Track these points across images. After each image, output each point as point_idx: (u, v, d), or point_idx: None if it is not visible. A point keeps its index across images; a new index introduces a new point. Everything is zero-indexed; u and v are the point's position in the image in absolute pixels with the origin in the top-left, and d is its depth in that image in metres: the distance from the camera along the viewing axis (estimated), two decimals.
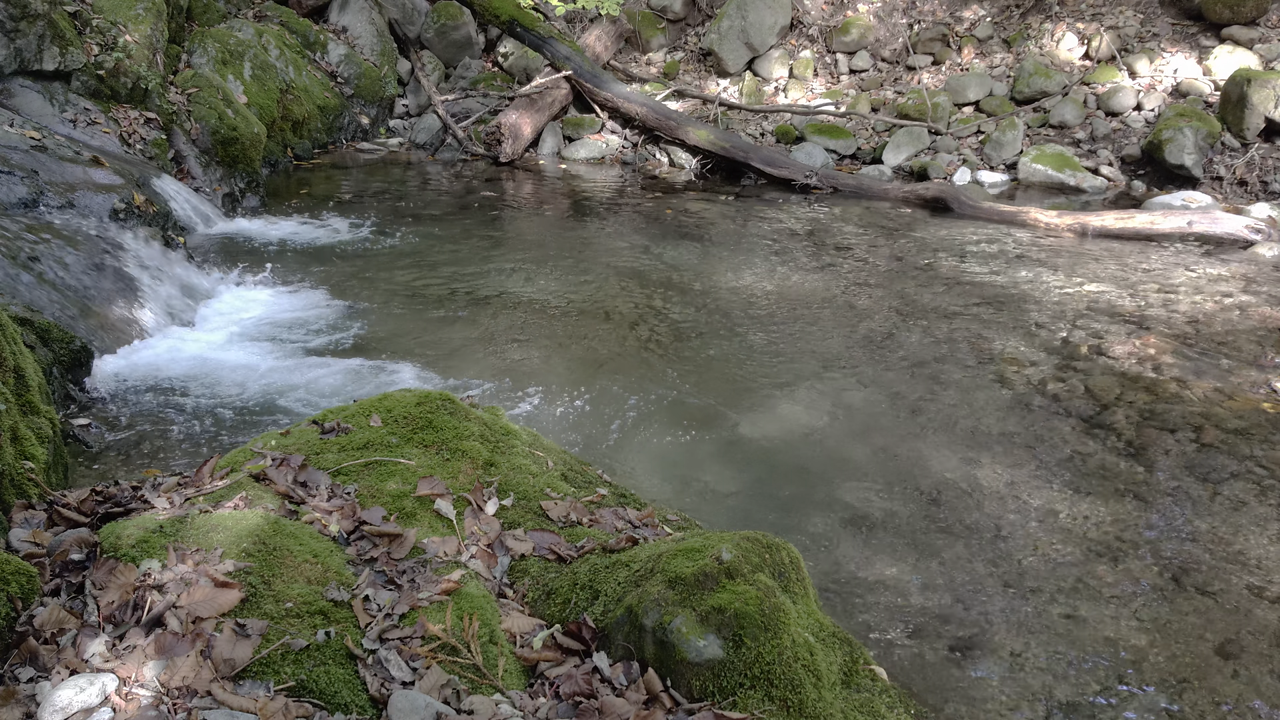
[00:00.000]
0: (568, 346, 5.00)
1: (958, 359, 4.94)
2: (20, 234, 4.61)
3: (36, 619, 1.77)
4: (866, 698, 2.09)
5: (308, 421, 2.66)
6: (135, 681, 1.67)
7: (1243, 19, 9.34)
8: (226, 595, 1.85)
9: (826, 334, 5.28)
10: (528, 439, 2.81)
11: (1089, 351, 5.06)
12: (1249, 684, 2.73)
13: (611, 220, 7.71)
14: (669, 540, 2.29)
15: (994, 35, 10.61)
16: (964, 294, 5.95)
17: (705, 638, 1.90)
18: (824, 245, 7.03)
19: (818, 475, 3.81)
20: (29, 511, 2.23)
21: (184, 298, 5.12)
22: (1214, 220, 7.11)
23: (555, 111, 10.05)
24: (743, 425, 4.20)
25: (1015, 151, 9.14)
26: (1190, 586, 3.17)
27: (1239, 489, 3.76)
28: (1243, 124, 8.31)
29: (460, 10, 10.96)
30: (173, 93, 7.17)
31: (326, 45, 9.94)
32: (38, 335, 3.81)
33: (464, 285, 5.88)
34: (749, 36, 10.80)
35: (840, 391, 4.56)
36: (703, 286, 6.03)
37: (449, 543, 2.24)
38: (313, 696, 1.73)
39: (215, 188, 7.06)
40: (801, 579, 2.19)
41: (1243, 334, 5.29)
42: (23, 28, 5.92)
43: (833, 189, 8.60)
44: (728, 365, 4.83)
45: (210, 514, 2.08)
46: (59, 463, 2.81)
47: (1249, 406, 4.42)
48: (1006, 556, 3.31)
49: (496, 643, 1.98)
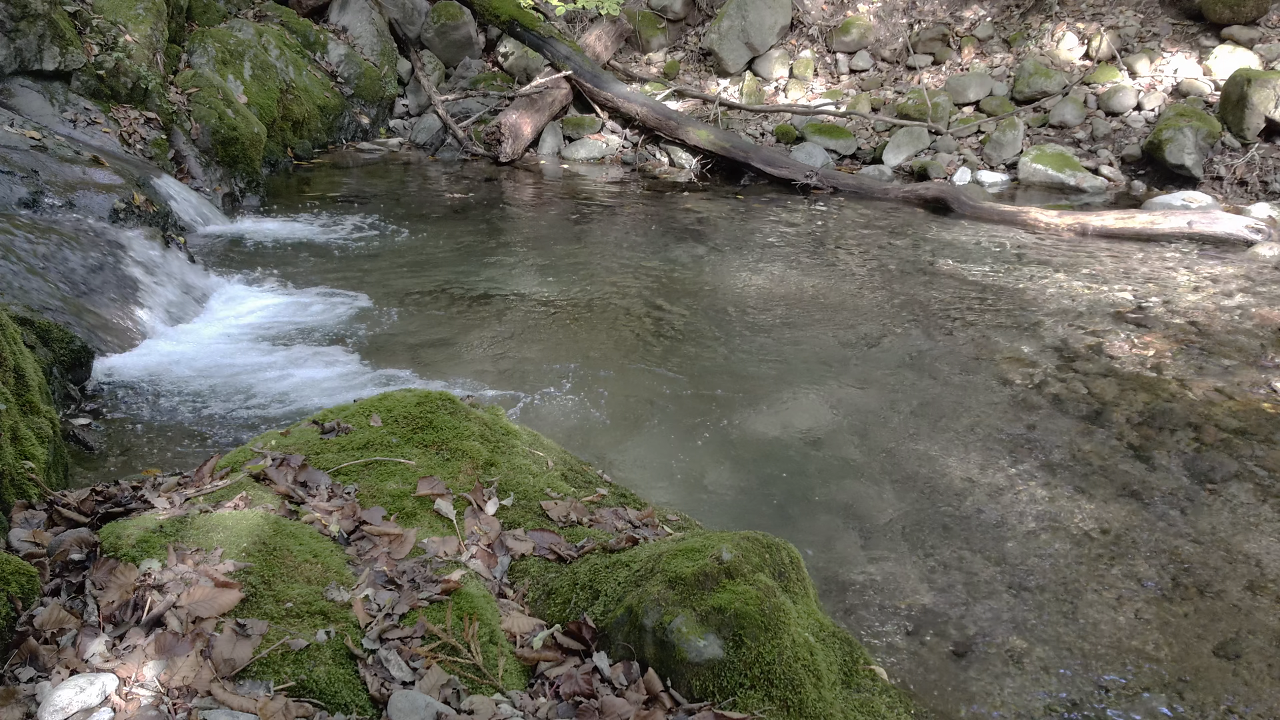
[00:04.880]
0: (568, 346, 5.00)
1: (958, 359, 4.95)
2: (20, 234, 4.61)
3: (36, 619, 1.77)
4: (866, 698, 2.09)
5: (308, 421, 2.66)
6: (135, 681, 1.66)
7: (1243, 19, 9.34)
8: (226, 595, 1.85)
9: (826, 334, 5.28)
10: (528, 439, 2.81)
11: (1089, 351, 5.06)
12: (1249, 684, 2.73)
13: (611, 220, 7.71)
14: (669, 540, 2.29)
15: (994, 35, 10.61)
16: (964, 294, 5.95)
17: (705, 638, 1.90)
18: (824, 245, 7.03)
19: (818, 475, 3.82)
20: (29, 511, 2.23)
21: (184, 297, 5.12)
22: (1214, 220, 7.12)
23: (555, 111, 10.05)
24: (743, 425, 4.20)
25: (1015, 151, 9.14)
26: (1190, 586, 3.17)
27: (1239, 489, 3.76)
28: (1243, 124, 8.31)
29: (460, 10, 10.97)
30: (173, 93, 7.17)
31: (326, 45, 9.94)
32: (38, 335, 3.81)
33: (464, 285, 5.88)
34: (749, 36, 10.80)
35: (840, 391, 4.56)
36: (703, 286, 6.03)
37: (449, 543, 2.24)
38: (313, 696, 1.73)
39: (215, 188, 7.06)
40: (801, 579, 2.19)
41: (1243, 334, 5.29)
42: (23, 28, 5.92)
43: (833, 189, 8.60)
44: (728, 365, 4.83)
45: (210, 514, 2.08)
46: (59, 463, 2.81)
47: (1249, 406, 4.42)
48: (1006, 556, 3.31)
49: (496, 643, 1.98)
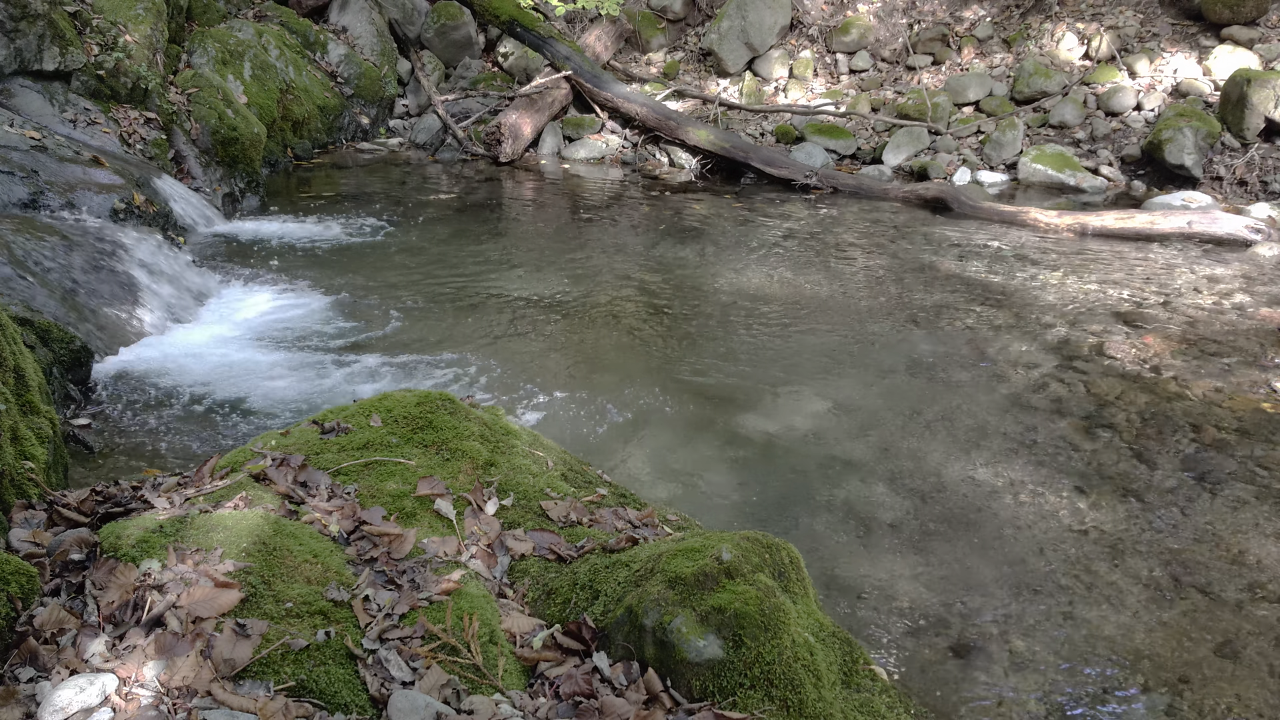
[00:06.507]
0: (567, 346, 5.00)
1: (958, 359, 4.95)
2: (20, 234, 4.61)
3: (36, 619, 1.77)
4: (866, 698, 2.09)
5: (308, 421, 2.66)
6: (135, 681, 1.66)
7: (1243, 19, 9.34)
8: (226, 595, 1.85)
9: (826, 334, 5.28)
10: (528, 439, 2.81)
11: (1089, 351, 5.06)
12: (1249, 684, 2.73)
13: (611, 220, 7.71)
14: (669, 540, 2.29)
15: (994, 35, 10.61)
16: (964, 294, 5.95)
17: (705, 638, 1.90)
18: (824, 245, 7.03)
19: (818, 475, 3.82)
20: (29, 511, 2.23)
21: (184, 297, 5.12)
22: (1214, 220, 7.11)
23: (555, 111, 10.05)
24: (743, 425, 4.20)
25: (1015, 151, 9.14)
26: (1190, 586, 3.17)
27: (1239, 489, 3.76)
28: (1243, 124, 8.31)
29: (460, 10, 10.97)
30: (173, 93, 7.17)
31: (326, 45, 9.94)
32: (38, 335, 3.81)
33: (464, 285, 5.88)
34: (749, 36, 10.80)
35: (840, 391, 4.56)
36: (703, 286, 6.03)
37: (449, 543, 2.24)
38: (313, 696, 1.73)
39: (215, 188, 7.06)
40: (801, 579, 2.19)
41: (1243, 334, 5.29)
42: (23, 28, 5.92)
43: (833, 189, 8.60)
44: (728, 365, 4.84)
45: (210, 514, 2.08)
46: (59, 463, 2.80)
47: (1249, 406, 4.42)
48: (1006, 556, 3.31)
49: (496, 643, 1.98)
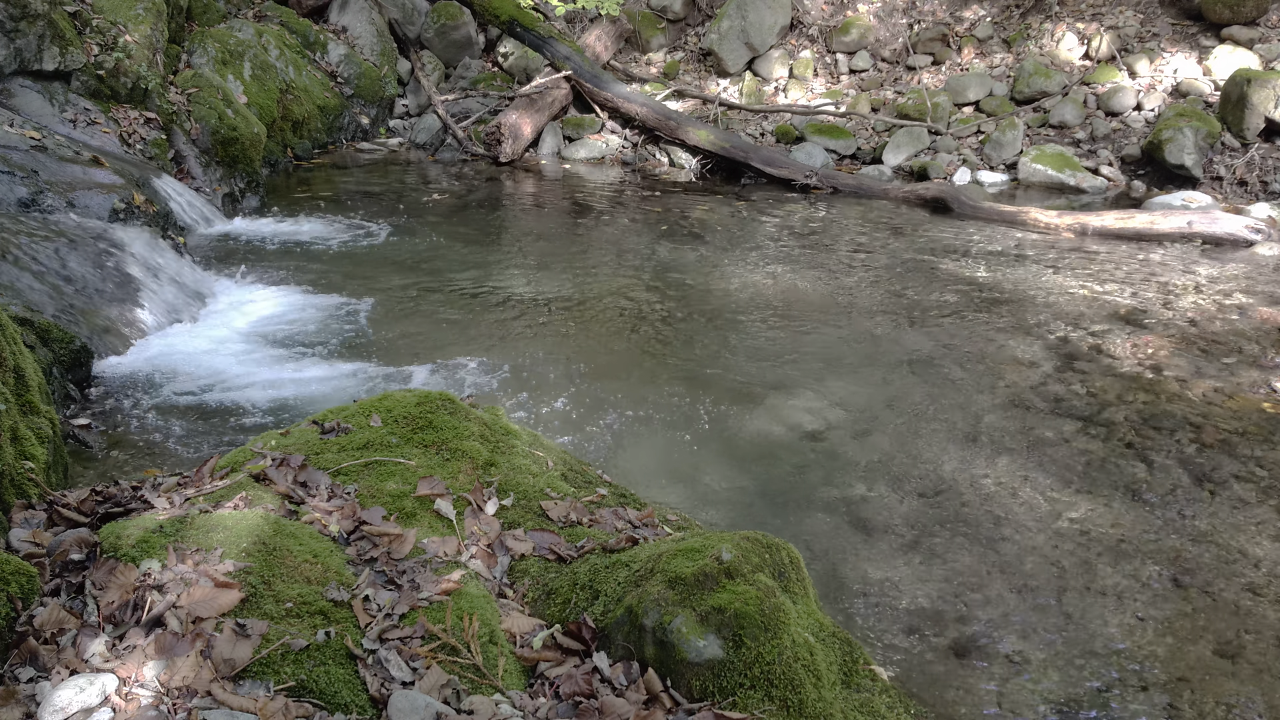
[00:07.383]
0: (568, 346, 5.00)
1: (958, 359, 4.95)
2: (20, 234, 4.61)
3: (36, 619, 1.77)
4: (866, 698, 2.09)
5: (308, 421, 2.66)
6: (135, 681, 1.66)
7: (1243, 19, 9.34)
8: (226, 595, 1.85)
9: (826, 334, 5.28)
10: (528, 439, 2.81)
11: (1089, 351, 5.06)
12: (1249, 684, 2.73)
13: (611, 220, 7.71)
14: (669, 540, 2.29)
15: (994, 35, 10.61)
16: (964, 294, 5.95)
17: (705, 638, 1.90)
18: (824, 245, 7.03)
19: (818, 475, 3.82)
20: (29, 511, 2.23)
21: (184, 297, 5.12)
22: (1214, 220, 7.11)
23: (555, 111, 10.05)
24: (743, 425, 4.20)
25: (1015, 151, 9.14)
26: (1190, 586, 3.17)
27: (1239, 489, 3.76)
28: (1243, 124, 8.31)
29: (460, 10, 10.97)
30: (173, 93, 7.17)
31: (326, 45, 9.94)
32: (38, 335, 3.81)
33: (464, 285, 5.88)
34: (749, 36, 10.80)
35: (840, 391, 4.56)
36: (703, 286, 6.03)
37: (449, 543, 2.24)
38: (313, 696, 1.73)
39: (215, 188, 7.06)
40: (801, 579, 2.19)
41: (1243, 334, 5.30)
42: (23, 28, 5.92)
43: (833, 189, 8.59)
44: (728, 365, 4.84)
45: (210, 514, 2.08)
46: (59, 463, 2.81)
47: (1249, 406, 4.42)
48: (1006, 556, 3.31)
49: (496, 643, 1.98)
